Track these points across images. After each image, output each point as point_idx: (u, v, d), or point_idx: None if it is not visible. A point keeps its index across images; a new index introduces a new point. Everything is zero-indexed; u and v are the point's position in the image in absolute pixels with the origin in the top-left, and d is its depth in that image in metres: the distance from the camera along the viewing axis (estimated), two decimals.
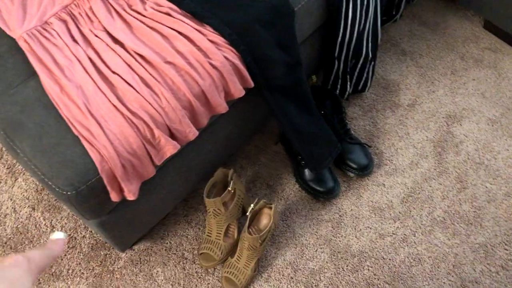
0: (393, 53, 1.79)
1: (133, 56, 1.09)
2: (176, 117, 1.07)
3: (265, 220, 1.40)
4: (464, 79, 1.72)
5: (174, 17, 1.14)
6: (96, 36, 1.13)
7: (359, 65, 1.51)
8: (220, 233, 1.39)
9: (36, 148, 1.01)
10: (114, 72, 1.07)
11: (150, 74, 1.07)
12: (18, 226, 1.46)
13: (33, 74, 1.10)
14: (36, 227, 1.46)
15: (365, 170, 1.50)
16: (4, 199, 1.51)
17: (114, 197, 1.04)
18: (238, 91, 1.16)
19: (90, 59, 1.10)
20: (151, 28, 1.14)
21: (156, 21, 1.14)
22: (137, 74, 1.07)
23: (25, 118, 1.04)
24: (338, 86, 1.55)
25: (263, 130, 1.62)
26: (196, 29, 1.13)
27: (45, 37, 1.13)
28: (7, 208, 1.49)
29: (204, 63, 1.10)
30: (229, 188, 1.35)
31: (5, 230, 1.46)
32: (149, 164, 1.07)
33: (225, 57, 1.12)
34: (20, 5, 1.19)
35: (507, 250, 1.40)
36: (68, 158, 1.00)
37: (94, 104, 1.03)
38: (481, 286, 1.36)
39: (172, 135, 1.09)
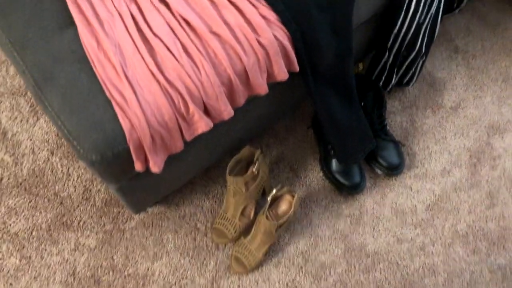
0: (445, 48, 1.68)
1: (177, 20, 1.02)
2: (214, 93, 1.00)
3: (284, 206, 1.35)
4: None
5: None
6: None
7: (409, 59, 1.41)
8: (236, 212, 1.35)
9: (65, 105, 0.96)
10: (155, 35, 1.01)
11: (193, 43, 1.00)
12: (35, 169, 1.44)
13: (71, 23, 1.03)
14: (52, 172, 1.44)
15: (395, 170, 1.44)
16: (24, 138, 1.48)
17: (138, 167, 1.00)
18: (282, 74, 1.09)
19: (132, 16, 1.03)
20: None
21: None
22: (180, 41, 1.00)
23: (57, 71, 0.99)
24: (383, 78, 1.46)
25: (295, 111, 1.55)
26: (249, 0, 1.05)
27: None
28: (25, 147, 1.46)
29: (252, 39, 1.03)
30: (254, 170, 1.30)
31: (22, 170, 1.43)
32: (179, 138, 1.02)
33: (275, 36, 1.05)
34: None
35: None
36: (97, 120, 0.95)
37: (130, 67, 0.97)
38: None
39: (206, 111, 1.04)
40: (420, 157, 1.51)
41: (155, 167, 1.01)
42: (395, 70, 1.43)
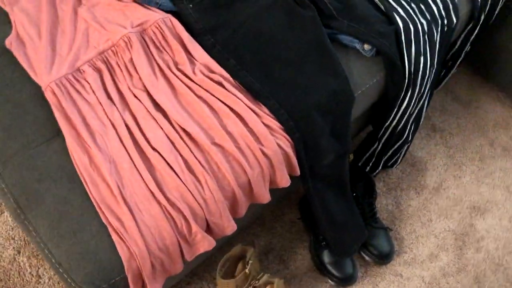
0: (423, 127, 1.71)
1: (177, 131, 0.95)
2: (217, 210, 0.94)
3: None
4: (492, 168, 1.66)
5: (226, 89, 1.01)
6: (135, 96, 0.98)
7: (396, 146, 1.41)
8: None
9: (54, 231, 0.86)
10: (154, 149, 0.93)
11: (195, 157, 0.93)
12: None
13: (58, 133, 0.94)
14: (19, 274, 1.29)
15: (385, 259, 1.41)
16: None
17: None
18: (284, 181, 1.04)
19: (127, 126, 0.95)
20: (199, 97, 1.00)
21: (206, 90, 1.00)
22: (181, 155, 0.93)
23: (43, 190, 0.89)
24: (370, 164, 1.45)
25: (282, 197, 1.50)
26: (251, 109, 1.00)
27: (76, 90, 0.97)
28: None
29: (256, 149, 0.97)
30: (246, 271, 1.23)
31: None
32: (179, 261, 0.94)
33: (278, 145, 1.00)
34: (49, 41, 1.02)
35: None
36: (91, 249, 0.85)
37: (128, 188, 0.89)
38: None
39: (208, 228, 0.96)
40: (408, 241, 1.49)
41: None
42: (383, 156, 1.43)
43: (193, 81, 1.01)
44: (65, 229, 0.86)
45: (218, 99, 1.00)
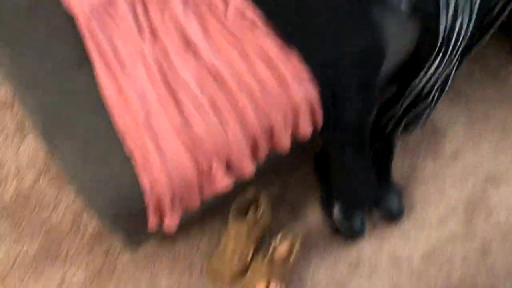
0: (447, 93, 1.68)
1: (207, 69, 0.95)
2: (239, 152, 0.95)
3: (283, 249, 1.32)
4: None
5: (257, 35, 0.99)
6: (167, 31, 0.98)
7: (418, 110, 1.40)
8: (235, 254, 1.30)
9: (79, 155, 0.88)
10: (181, 84, 0.93)
11: (222, 96, 0.94)
12: (19, 194, 1.33)
13: (87, 60, 0.94)
14: (38, 198, 1.33)
15: (395, 218, 1.43)
16: (8, 157, 1.36)
17: (152, 227, 0.93)
18: (307, 130, 1.05)
19: (156, 59, 0.95)
20: (229, 40, 0.99)
21: (236, 34, 0.99)
22: (207, 92, 0.94)
23: (71, 115, 0.90)
24: (390, 127, 1.44)
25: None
26: (282, 54, 0.99)
27: (110, 16, 0.96)
28: (9, 169, 1.35)
29: (281, 96, 0.97)
30: (257, 215, 1.26)
31: (4, 194, 1.33)
32: (197, 196, 0.96)
33: (306, 93, 1.00)
34: None
35: None
36: (114, 177, 0.87)
37: (154, 120, 0.90)
38: None
39: (228, 169, 0.98)
40: (419, 205, 1.51)
41: (170, 227, 0.94)
42: (403, 120, 1.41)
43: (224, 24, 1.00)
44: (90, 156, 0.88)
45: (249, 44, 0.99)
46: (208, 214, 1.40)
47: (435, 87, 1.33)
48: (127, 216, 0.89)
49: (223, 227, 1.39)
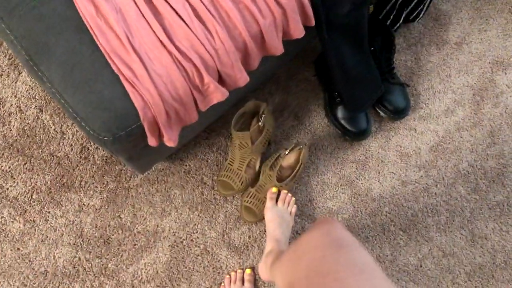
0: None
1: None
2: (229, 61, 0.92)
3: (291, 158, 1.33)
4: None
5: None
6: None
7: None
8: (242, 164, 1.33)
9: (67, 81, 0.87)
10: None
11: (205, 6, 0.90)
12: (25, 128, 1.35)
13: None
14: (44, 131, 1.35)
15: (401, 114, 1.42)
16: (7, 95, 1.36)
17: (152, 142, 0.94)
18: (298, 32, 1.00)
19: None
20: None
21: None
22: (190, 4, 0.90)
23: (52, 41, 0.88)
24: (391, 17, 1.38)
25: (297, 53, 1.47)
26: None
27: None
28: (11, 105, 1.36)
29: None
30: (260, 124, 1.26)
31: (10, 130, 1.34)
32: (194, 110, 0.95)
33: None
34: None
35: None
36: (105, 98, 0.87)
37: (137, 36, 0.87)
38: (489, 243, 1.39)
39: (221, 80, 0.96)
40: (425, 97, 1.48)
41: (171, 141, 0.95)
42: (404, 8, 1.35)
43: None
44: (78, 79, 0.87)
45: None
46: (214, 129, 1.40)
47: None
48: (126, 137, 0.89)
49: (228, 140, 1.40)
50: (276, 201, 1.31)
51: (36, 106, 1.36)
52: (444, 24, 1.55)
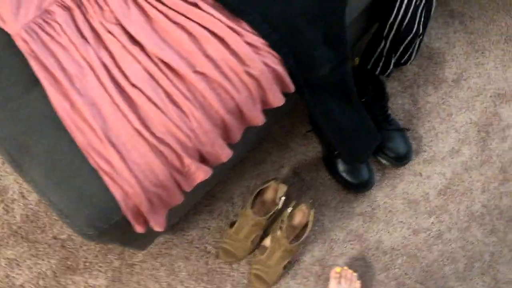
0: (439, 14, 1.57)
1: (155, 64, 0.91)
2: (208, 140, 0.91)
3: (298, 217, 1.30)
4: None
5: (203, 10, 0.94)
6: (109, 32, 0.93)
7: (406, 41, 1.31)
8: (250, 235, 1.30)
9: (49, 179, 0.87)
10: (134, 85, 0.90)
11: (177, 88, 0.90)
12: (28, 214, 1.36)
13: (37, 81, 0.91)
14: (47, 214, 1.36)
15: (403, 160, 1.38)
16: (9, 182, 1.39)
17: (139, 230, 0.92)
18: (277, 100, 0.99)
19: (104, 64, 0.91)
20: (175, 23, 0.93)
21: (181, 14, 0.94)
22: (162, 88, 0.90)
23: (32, 141, 0.89)
24: (380, 65, 1.36)
25: (291, 112, 1.46)
26: (231, 28, 0.93)
27: (47, 33, 0.92)
28: (13, 192, 1.38)
29: (240, 72, 0.92)
30: (279, 207, 1.26)
31: (14, 217, 1.36)
32: (178, 193, 0.94)
33: (264, 63, 0.94)
34: None
35: None
36: (87, 193, 0.86)
37: (113, 128, 0.87)
38: None
39: (203, 158, 0.95)
40: (427, 140, 1.44)
41: (157, 226, 0.93)
42: (392, 55, 1.33)
43: (167, 6, 0.95)
44: (59, 176, 0.87)
45: (195, 22, 0.93)
46: (214, 194, 1.39)
47: (418, 13, 1.23)
48: (112, 229, 0.89)
49: (229, 205, 1.38)
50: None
51: None
52: (439, 62, 1.52)
